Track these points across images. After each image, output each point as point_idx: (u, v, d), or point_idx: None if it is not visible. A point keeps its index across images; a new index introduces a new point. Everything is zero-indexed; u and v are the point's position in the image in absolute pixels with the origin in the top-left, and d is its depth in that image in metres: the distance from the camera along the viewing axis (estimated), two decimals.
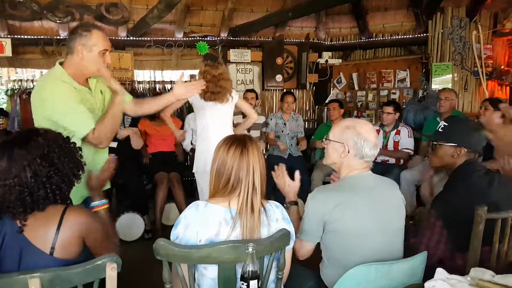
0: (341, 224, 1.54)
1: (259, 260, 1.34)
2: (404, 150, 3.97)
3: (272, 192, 3.82)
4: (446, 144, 1.86)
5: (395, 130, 4.02)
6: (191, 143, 4.20)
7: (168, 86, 5.26)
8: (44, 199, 1.29)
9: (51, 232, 1.28)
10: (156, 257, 1.31)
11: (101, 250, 1.36)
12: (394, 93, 5.44)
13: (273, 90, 5.72)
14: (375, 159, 1.70)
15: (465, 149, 1.81)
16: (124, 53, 5.02)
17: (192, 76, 5.60)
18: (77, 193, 1.70)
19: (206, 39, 5.21)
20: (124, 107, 2.09)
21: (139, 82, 5.19)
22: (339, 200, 1.56)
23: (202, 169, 2.96)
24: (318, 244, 1.66)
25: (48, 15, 4.21)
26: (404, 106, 4.89)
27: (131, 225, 3.61)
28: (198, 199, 3.37)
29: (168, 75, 5.63)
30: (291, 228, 1.46)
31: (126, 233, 3.57)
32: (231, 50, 5.35)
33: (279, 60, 5.44)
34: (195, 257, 1.29)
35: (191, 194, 3.75)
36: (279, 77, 5.47)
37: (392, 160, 4.03)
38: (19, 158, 1.25)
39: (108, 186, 2.03)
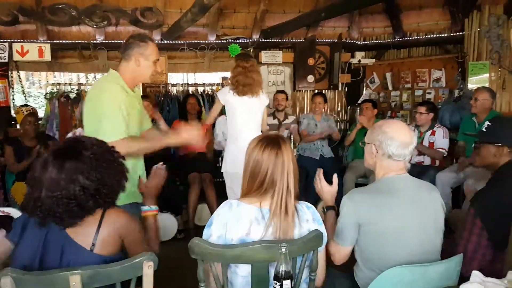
0: (376, 226, 1.53)
1: (292, 260, 1.34)
2: (438, 149, 3.84)
3: (304, 193, 3.79)
4: (489, 143, 1.83)
5: (430, 131, 3.90)
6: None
7: (200, 89, 5.33)
8: (93, 208, 1.33)
9: (92, 230, 1.34)
10: (191, 255, 1.33)
11: (137, 251, 1.39)
12: (429, 93, 5.26)
13: (305, 91, 5.68)
14: (409, 160, 1.66)
15: (508, 148, 1.79)
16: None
17: (224, 78, 5.66)
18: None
19: (238, 41, 5.25)
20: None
21: (173, 85, 5.29)
22: (375, 202, 1.54)
23: (231, 169, 2.98)
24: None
25: (86, 20, 4.37)
26: (439, 106, 4.73)
27: (165, 225, 3.67)
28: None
29: (201, 77, 5.71)
30: (322, 229, 1.45)
31: (162, 233, 3.64)
32: (262, 51, 5.35)
33: (310, 61, 5.40)
34: (228, 256, 1.31)
35: (223, 195, 3.77)
36: (310, 78, 5.43)
37: (427, 161, 3.91)
38: (68, 172, 1.28)
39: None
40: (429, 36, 5.22)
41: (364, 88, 5.78)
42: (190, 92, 5.16)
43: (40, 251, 1.30)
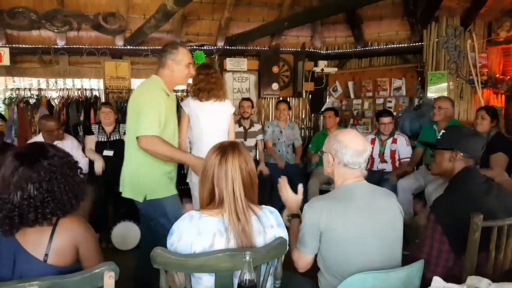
0: (336, 233, 1.55)
1: (256, 269, 1.33)
2: (404, 160, 3.98)
3: (269, 200, 3.82)
4: (443, 149, 1.89)
5: (391, 138, 4.04)
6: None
7: None
8: (33, 221, 1.27)
9: (44, 239, 1.29)
10: (153, 265, 1.30)
11: (92, 262, 1.35)
12: (390, 101, 5.45)
13: (269, 98, 5.74)
14: (371, 167, 1.72)
15: (461, 153, 1.84)
16: (121, 62, 5.02)
17: (189, 85, 5.60)
18: None
19: (203, 48, 5.24)
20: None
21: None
22: (333, 209, 1.57)
23: (195, 179, 2.95)
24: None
25: (46, 24, 4.24)
26: (400, 114, 4.92)
27: (127, 233, 3.59)
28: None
29: None
30: (286, 233, 1.46)
31: (122, 242, 3.54)
32: (227, 59, 5.37)
33: (275, 69, 5.47)
34: (191, 265, 1.29)
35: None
36: (275, 86, 5.49)
37: (389, 168, 4.04)
38: (19, 177, 1.25)
39: None
40: (389, 46, 5.42)
41: (328, 96, 5.92)
42: None
43: None
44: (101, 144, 3.86)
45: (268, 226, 1.43)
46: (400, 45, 5.36)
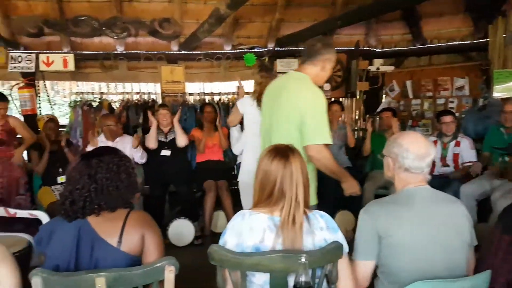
0: (395, 239, 1.49)
1: (310, 272, 1.32)
2: (467, 164, 3.73)
3: (320, 202, 3.74)
4: None
5: (454, 141, 3.80)
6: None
7: (216, 98, 5.38)
8: (82, 209, 1.43)
9: (117, 228, 1.41)
10: (210, 261, 1.35)
11: (154, 255, 1.44)
12: (452, 102, 5.16)
13: None
14: (431, 172, 1.61)
15: None
16: (176, 66, 5.21)
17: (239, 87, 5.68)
18: None
19: (253, 50, 5.28)
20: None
21: (190, 94, 5.35)
22: (392, 213, 1.51)
23: (247, 179, 2.98)
24: None
25: (107, 31, 4.50)
26: (463, 116, 4.63)
27: (182, 231, 3.71)
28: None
29: (217, 86, 5.76)
30: (338, 237, 1.43)
31: (178, 239, 3.66)
32: (278, 60, 5.36)
33: None
34: (246, 264, 1.31)
35: (239, 202, 3.78)
36: (326, 86, 5.39)
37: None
38: (76, 170, 1.48)
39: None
40: (450, 43, 5.15)
41: (384, 96, 5.71)
42: (207, 101, 5.21)
43: (74, 250, 1.38)
44: (160, 143, 4.02)
45: (317, 228, 1.43)
46: (462, 42, 5.06)
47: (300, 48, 5.44)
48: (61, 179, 3.73)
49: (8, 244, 1.91)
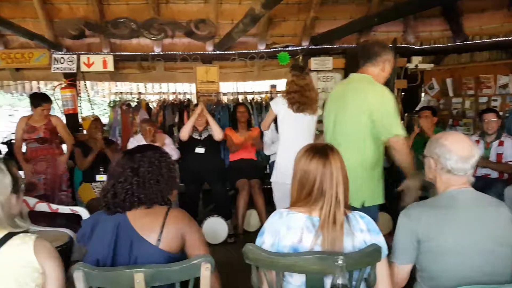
0: (436, 243, 1.45)
1: (348, 274, 1.30)
2: (509, 162, 3.55)
3: None
4: None
5: (497, 141, 3.62)
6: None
7: (249, 97, 5.41)
8: (123, 201, 1.48)
9: (157, 226, 1.44)
10: (245, 260, 1.35)
11: (198, 251, 1.46)
12: (495, 100, 4.90)
13: None
14: (474, 173, 1.54)
15: None
16: (211, 66, 5.28)
17: (272, 86, 5.68)
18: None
19: (287, 49, 5.26)
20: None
21: (224, 94, 5.40)
22: (434, 216, 1.47)
23: (280, 179, 2.96)
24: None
25: (145, 32, 4.62)
26: (507, 115, 4.39)
27: (216, 228, 3.75)
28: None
29: (250, 86, 5.78)
30: (379, 240, 1.40)
31: (211, 236, 3.70)
32: (312, 58, 5.32)
33: None
34: (281, 264, 1.30)
35: (272, 201, 3.77)
36: None
37: (494, 174, 3.63)
38: (118, 165, 1.54)
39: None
40: (493, 39, 4.91)
41: (423, 94, 5.51)
42: (240, 101, 5.24)
43: (112, 246, 1.42)
44: (194, 141, 4.08)
45: (357, 229, 1.40)
46: (506, 38, 4.80)
47: (335, 46, 5.37)
48: (100, 177, 3.87)
49: (51, 238, 2.01)
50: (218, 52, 5.26)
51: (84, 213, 2.81)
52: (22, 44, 4.92)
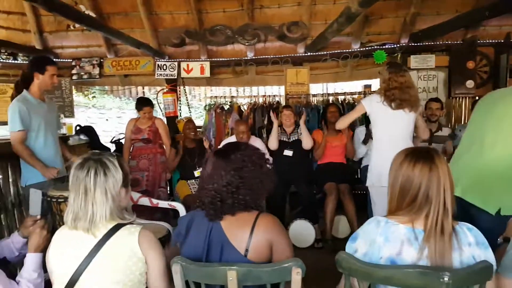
0: None
1: None
2: None
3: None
4: None
5: None
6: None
7: (340, 98, 5.27)
8: (231, 206, 1.44)
9: (245, 235, 1.42)
10: (338, 269, 1.30)
11: (283, 257, 1.41)
12: None
13: (462, 98, 5.04)
14: None
15: None
16: (301, 68, 5.27)
17: (366, 86, 5.44)
18: None
19: (384, 47, 5.01)
20: None
21: (313, 95, 5.35)
22: None
23: (377, 183, 2.81)
24: None
25: (239, 38, 4.80)
26: None
27: (303, 232, 3.71)
28: (369, 214, 3.20)
29: (341, 86, 5.62)
30: (487, 255, 1.25)
31: (298, 240, 3.67)
32: (412, 56, 5.00)
33: (470, 64, 4.79)
34: (377, 276, 1.23)
35: (362, 207, 3.60)
36: (470, 83, 4.80)
37: None
38: (218, 168, 1.46)
39: None
40: None
41: None
42: (331, 101, 5.13)
43: (206, 248, 1.44)
44: (282, 143, 4.11)
45: (465, 243, 1.26)
46: None
47: (438, 43, 4.96)
48: (198, 173, 4.09)
49: (153, 230, 2.14)
50: (309, 53, 5.22)
51: (181, 208, 3.00)
52: (130, 53, 5.46)
